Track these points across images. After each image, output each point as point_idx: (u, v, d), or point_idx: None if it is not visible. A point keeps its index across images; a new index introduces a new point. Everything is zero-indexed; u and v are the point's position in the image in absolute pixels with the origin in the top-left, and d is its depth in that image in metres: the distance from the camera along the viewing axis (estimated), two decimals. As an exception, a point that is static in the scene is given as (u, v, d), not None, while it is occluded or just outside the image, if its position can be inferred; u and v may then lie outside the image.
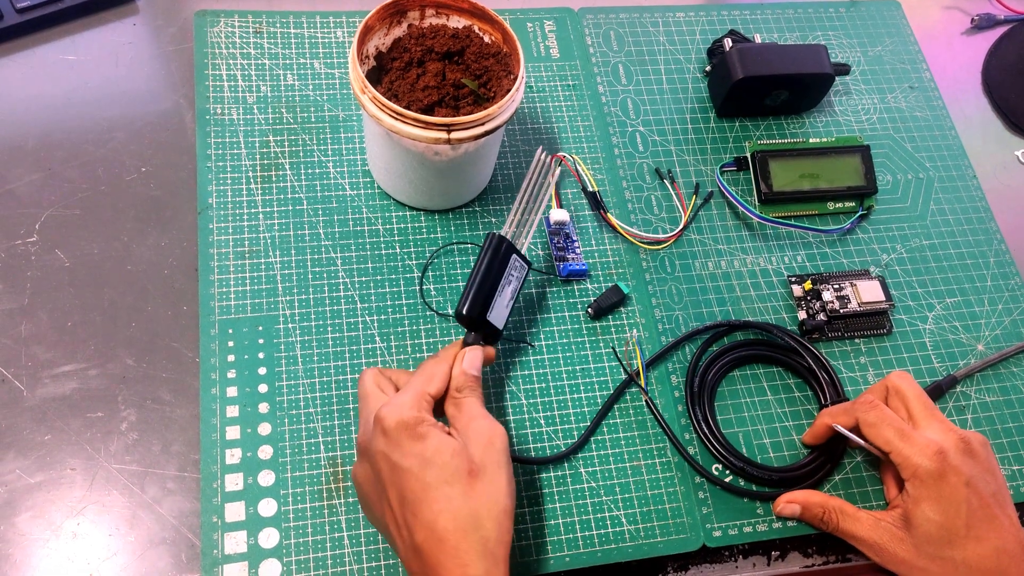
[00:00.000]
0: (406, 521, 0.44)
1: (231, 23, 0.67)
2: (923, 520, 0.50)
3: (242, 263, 0.58)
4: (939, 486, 0.50)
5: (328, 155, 0.64)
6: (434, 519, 0.43)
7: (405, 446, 0.45)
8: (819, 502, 0.55)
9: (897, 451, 0.51)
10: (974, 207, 0.71)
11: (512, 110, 0.54)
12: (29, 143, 0.61)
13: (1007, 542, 0.49)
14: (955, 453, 0.50)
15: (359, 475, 0.48)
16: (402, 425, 0.45)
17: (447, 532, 0.43)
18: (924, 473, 0.50)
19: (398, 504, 0.44)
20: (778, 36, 0.76)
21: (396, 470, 0.44)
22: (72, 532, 0.50)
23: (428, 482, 0.44)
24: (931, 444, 0.50)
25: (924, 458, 0.50)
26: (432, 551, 0.43)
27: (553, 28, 0.73)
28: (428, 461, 0.44)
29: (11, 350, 0.54)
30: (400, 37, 0.59)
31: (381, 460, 0.45)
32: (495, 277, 0.53)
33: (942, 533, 0.50)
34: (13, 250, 0.57)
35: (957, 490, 0.49)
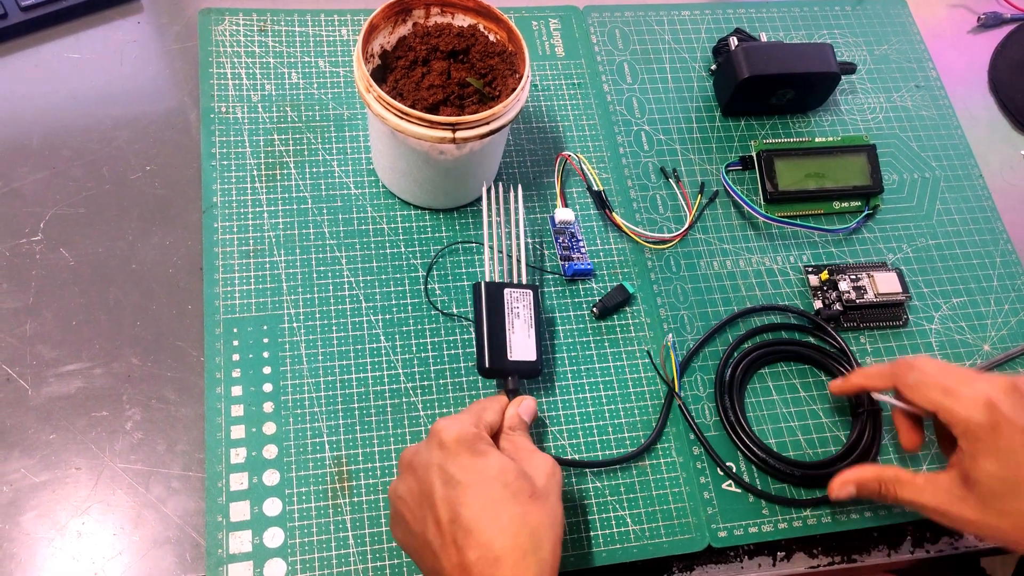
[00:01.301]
0: (455, 539, 0.42)
1: (235, 21, 0.67)
2: (983, 476, 0.47)
3: (247, 262, 0.58)
4: (994, 438, 0.46)
5: (333, 154, 0.63)
6: (493, 538, 0.42)
7: (464, 460, 0.44)
8: (873, 476, 0.52)
9: (945, 409, 0.48)
10: (980, 207, 0.70)
11: (517, 109, 0.54)
12: (34, 141, 0.61)
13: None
14: (1006, 401, 0.47)
15: (400, 490, 0.46)
16: (462, 439, 0.44)
17: (506, 551, 0.41)
18: (976, 427, 0.47)
19: (449, 520, 0.43)
20: (784, 35, 0.76)
21: (452, 484, 0.43)
22: (77, 531, 0.50)
23: (489, 500, 0.43)
24: (979, 396, 0.47)
25: (974, 411, 0.47)
26: (486, 570, 0.41)
27: (558, 26, 0.73)
28: (491, 478, 0.43)
29: (16, 349, 0.54)
30: (405, 36, 0.58)
31: (435, 473, 0.44)
32: (498, 320, 0.55)
33: (1005, 487, 0.47)
34: (18, 249, 0.57)
35: (1013, 439, 0.46)
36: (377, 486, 0.53)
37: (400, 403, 0.55)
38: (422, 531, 0.44)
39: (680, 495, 0.55)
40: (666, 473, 0.56)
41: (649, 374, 0.59)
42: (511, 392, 0.54)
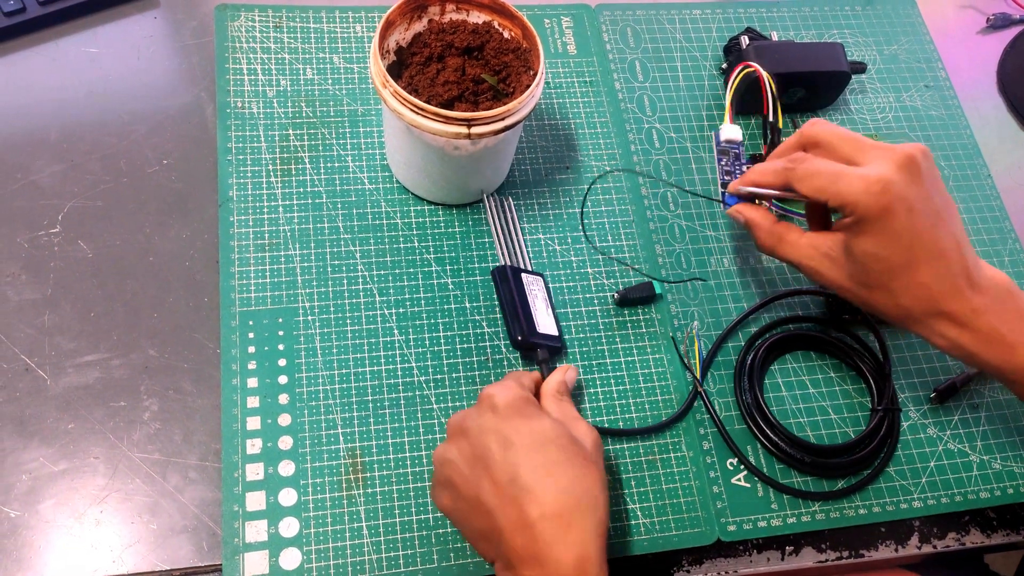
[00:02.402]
0: (515, 498, 0.43)
1: (251, 17, 0.68)
2: (862, 253, 0.48)
3: (262, 255, 0.59)
4: (884, 220, 0.46)
5: (347, 149, 0.64)
6: (555, 496, 0.43)
7: (518, 423, 0.45)
8: (763, 225, 0.54)
9: (835, 194, 0.47)
10: (988, 206, 0.71)
11: (532, 105, 0.55)
12: (52, 135, 0.62)
13: (949, 261, 0.48)
14: (900, 178, 0.46)
15: (449, 454, 0.47)
16: (514, 403, 0.46)
17: (566, 508, 0.43)
18: (865, 209, 0.46)
19: (508, 481, 0.43)
20: (794, 34, 0.77)
21: (508, 446, 0.44)
22: (95, 519, 0.51)
23: (549, 459, 0.44)
24: (871, 178, 0.46)
25: (866, 195, 0.46)
26: (548, 526, 0.42)
27: (570, 24, 0.73)
28: (547, 440, 0.45)
29: (35, 340, 0.55)
30: (420, 32, 0.59)
31: (490, 437, 0.45)
32: (522, 298, 0.57)
33: (881, 265, 0.48)
34: (36, 241, 0.58)
35: (901, 219, 0.46)
36: (391, 477, 0.53)
37: (413, 396, 0.56)
38: (475, 494, 0.45)
39: (690, 489, 0.56)
40: (676, 467, 0.56)
41: (660, 369, 0.60)
42: (542, 363, 0.56)
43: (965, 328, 0.49)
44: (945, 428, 0.60)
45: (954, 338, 0.49)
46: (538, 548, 0.42)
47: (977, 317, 0.48)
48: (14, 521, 0.50)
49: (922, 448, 0.59)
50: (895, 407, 0.59)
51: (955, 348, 0.50)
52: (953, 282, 0.48)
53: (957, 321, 0.49)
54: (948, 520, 0.58)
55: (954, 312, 0.49)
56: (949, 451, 0.60)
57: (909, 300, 0.49)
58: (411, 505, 0.53)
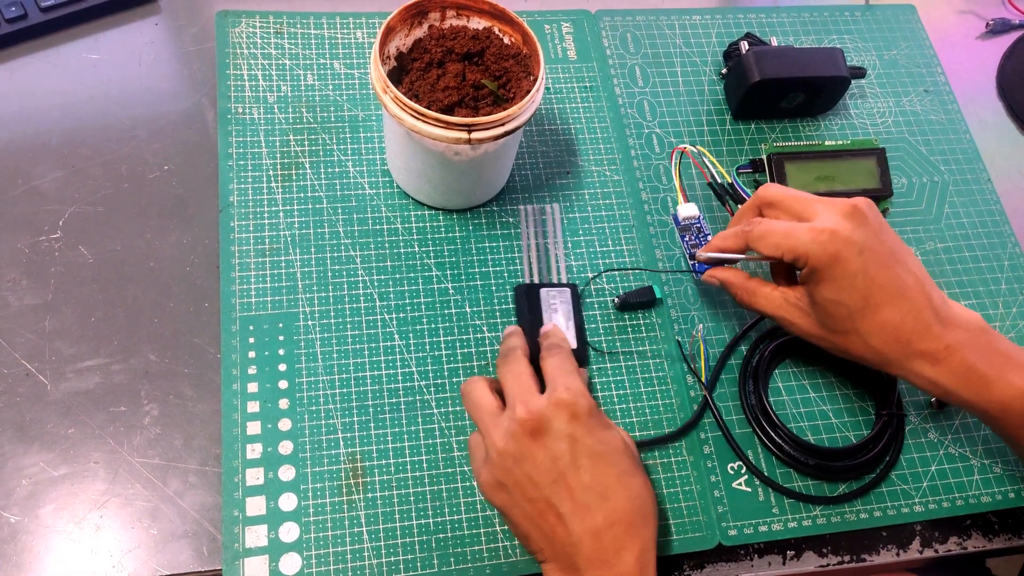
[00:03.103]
0: (590, 506, 0.46)
1: (252, 23, 0.68)
2: (823, 301, 0.50)
3: (263, 260, 0.59)
4: (835, 266, 0.49)
5: (347, 154, 0.64)
6: (626, 503, 0.46)
7: (599, 433, 0.48)
8: (736, 282, 0.56)
9: (789, 249, 0.50)
10: (988, 210, 0.71)
11: (532, 111, 0.55)
12: (53, 140, 0.62)
13: (911, 299, 0.49)
14: (845, 225, 0.49)
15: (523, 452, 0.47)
16: (592, 412, 0.48)
17: (634, 515, 0.46)
18: (816, 259, 0.49)
19: (584, 488, 0.46)
20: (794, 39, 0.77)
21: (588, 455, 0.47)
22: (95, 525, 0.51)
23: (623, 469, 0.48)
24: (820, 229, 0.49)
25: (815, 246, 0.49)
26: (619, 532, 0.45)
27: (570, 30, 0.74)
28: (621, 450, 0.48)
29: (35, 345, 0.55)
30: (421, 38, 0.59)
31: (571, 443, 0.47)
32: (536, 316, 0.58)
33: (842, 311, 0.50)
34: (37, 246, 0.58)
35: (852, 263, 0.48)
36: (391, 482, 0.53)
37: (414, 401, 0.56)
38: (546, 495, 0.46)
39: (691, 493, 0.56)
40: (676, 471, 0.56)
41: (660, 373, 0.60)
42: None
43: (940, 365, 0.50)
44: (946, 433, 0.60)
45: (930, 376, 0.50)
46: (607, 553, 0.45)
47: (951, 354, 0.49)
48: (14, 526, 0.50)
49: (923, 452, 0.59)
50: (901, 412, 0.59)
51: (933, 386, 0.51)
52: (921, 319, 0.49)
53: (931, 359, 0.50)
54: (950, 524, 0.58)
55: (927, 350, 0.50)
56: (950, 455, 0.60)
57: (879, 341, 0.50)
58: (411, 510, 0.53)
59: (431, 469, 0.54)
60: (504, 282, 0.61)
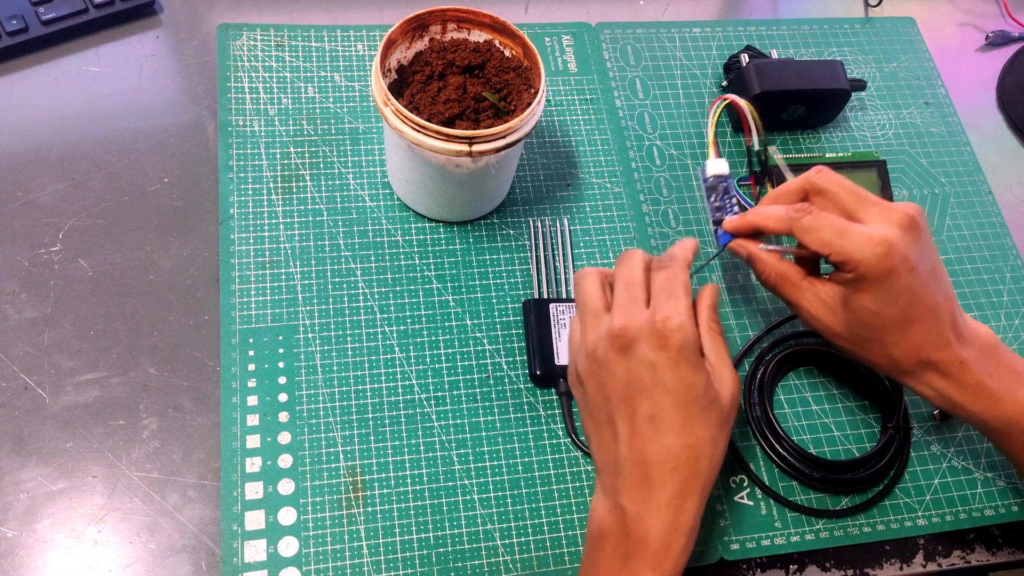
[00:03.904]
0: (646, 437, 0.45)
1: (253, 36, 0.68)
2: (861, 308, 0.49)
3: (263, 273, 0.59)
4: (885, 281, 0.47)
5: (348, 167, 0.64)
6: (679, 450, 0.44)
7: (683, 370, 0.45)
8: (768, 261, 0.54)
9: (839, 250, 0.48)
10: (990, 223, 0.71)
11: (533, 123, 0.55)
12: (53, 153, 0.62)
13: (940, 317, 0.49)
14: (903, 239, 0.47)
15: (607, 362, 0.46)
16: (686, 348, 0.45)
17: (683, 466, 0.44)
18: (867, 269, 0.47)
19: (647, 419, 0.45)
20: (794, 52, 0.77)
21: (662, 388, 0.45)
22: (93, 539, 0.50)
23: (688, 414, 0.45)
24: (875, 238, 0.47)
25: (870, 255, 0.47)
26: (660, 476, 0.44)
27: (571, 43, 0.74)
28: (696, 397, 0.45)
29: (34, 358, 0.55)
30: (422, 51, 0.59)
31: (651, 372, 0.45)
32: (544, 331, 0.58)
33: (878, 322, 0.49)
34: (37, 259, 0.58)
35: (902, 279, 0.47)
36: (391, 496, 0.53)
37: (414, 413, 0.56)
38: (612, 409, 0.46)
39: (693, 507, 0.55)
40: (679, 485, 0.56)
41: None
42: (564, 394, 0.57)
43: (952, 380, 0.50)
44: (949, 445, 0.60)
45: (941, 389, 0.50)
46: (645, 487, 0.44)
47: (964, 370, 0.49)
48: (11, 541, 0.50)
49: (926, 465, 0.59)
50: (907, 425, 0.59)
51: (941, 399, 0.51)
52: (942, 336, 0.49)
53: (944, 373, 0.50)
54: (953, 538, 0.58)
55: (941, 363, 0.49)
56: (953, 468, 0.59)
57: (900, 353, 0.50)
58: (411, 524, 0.52)
59: (432, 483, 0.54)
60: (505, 295, 0.61)
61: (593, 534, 0.47)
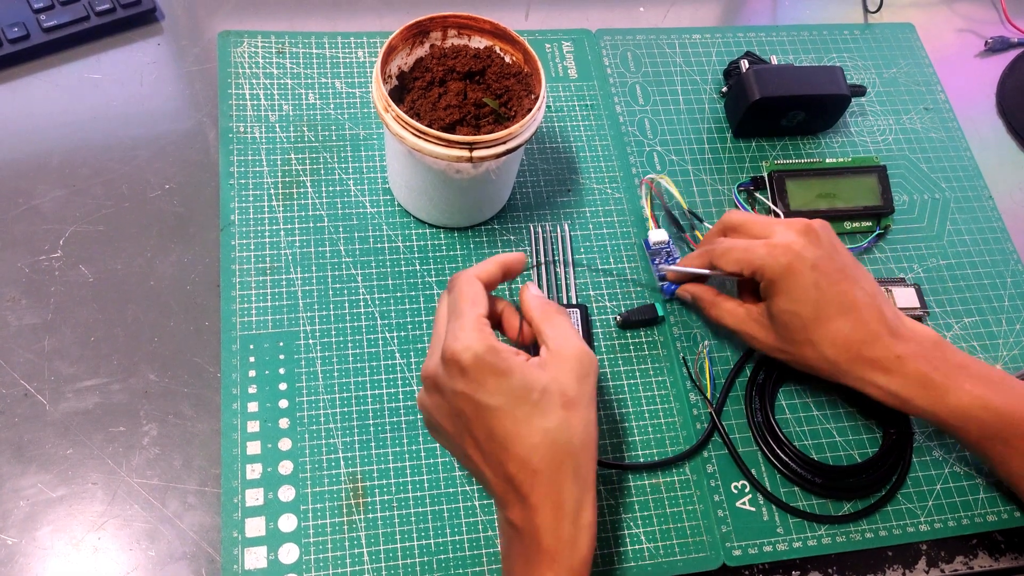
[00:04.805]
0: (496, 456, 0.44)
1: (254, 43, 0.68)
2: (779, 312, 0.53)
3: (264, 279, 0.59)
4: (789, 278, 0.52)
5: (349, 173, 0.64)
6: (528, 454, 0.44)
7: (490, 384, 0.44)
8: (704, 297, 0.59)
9: (747, 263, 0.53)
10: (990, 227, 0.71)
11: (533, 129, 0.55)
12: (54, 160, 0.62)
13: (861, 311, 0.52)
14: (799, 241, 0.52)
15: (431, 407, 0.47)
16: (480, 362, 0.44)
17: (542, 464, 0.44)
18: (771, 271, 0.52)
19: (486, 440, 0.44)
20: (793, 58, 0.77)
21: (483, 409, 0.44)
22: (93, 546, 0.50)
23: (519, 418, 0.44)
24: (776, 244, 0.53)
25: (771, 260, 0.52)
26: (526, 481, 0.44)
27: (571, 49, 0.74)
28: (519, 398, 0.44)
29: (34, 365, 0.55)
30: (422, 57, 0.59)
31: (463, 401, 0.44)
32: None
33: (797, 321, 0.52)
34: (37, 265, 0.58)
35: (804, 276, 0.51)
36: (392, 502, 0.53)
37: (415, 420, 0.56)
38: (460, 443, 0.47)
39: (694, 513, 0.55)
40: (679, 490, 0.56)
41: (663, 391, 0.59)
42: None
43: (893, 374, 0.52)
44: (951, 451, 0.60)
45: (884, 385, 0.52)
46: (519, 494, 0.44)
47: (903, 363, 0.51)
48: (11, 548, 0.49)
49: (928, 471, 0.59)
50: (909, 430, 0.59)
51: (888, 396, 0.52)
52: (871, 330, 0.52)
53: (883, 369, 0.52)
54: (956, 544, 0.58)
55: (878, 358, 0.52)
56: (956, 474, 0.59)
57: (832, 351, 0.52)
58: (412, 530, 0.52)
59: (432, 489, 0.54)
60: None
61: (502, 549, 0.48)
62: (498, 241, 0.63)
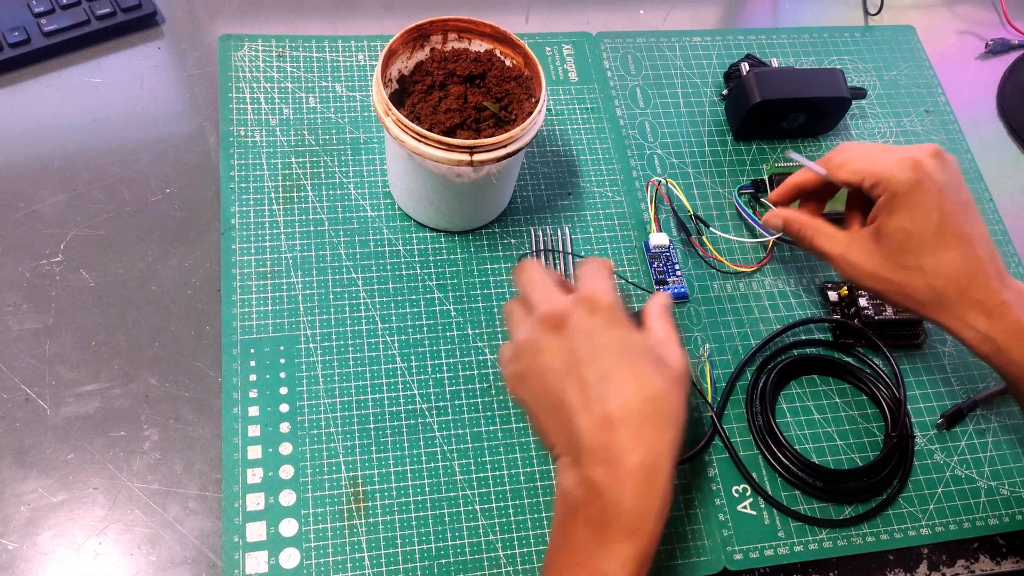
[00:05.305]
0: (601, 397, 0.43)
1: (255, 47, 0.68)
2: (895, 229, 0.51)
3: (264, 283, 0.59)
4: (914, 194, 0.50)
5: (349, 177, 0.64)
6: (640, 402, 0.43)
7: (621, 329, 0.45)
8: (800, 219, 0.57)
9: (870, 174, 0.52)
10: (991, 230, 0.71)
11: (534, 132, 0.55)
12: (55, 164, 0.62)
13: (976, 247, 0.51)
14: (930, 162, 0.51)
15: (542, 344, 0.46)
16: (614, 309, 0.46)
17: (647, 416, 0.43)
18: (897, 184, 0.51)
19: (598, 382, 0.43)
20: (794, 60, 0.77)
21: (606, 350, 0.44)
22: (94, 551, 0.50)
23: (636, 371, 0.44)
24: (904, 158, 0.51)
25: (899, 171, 0.51)
26: (626, 430, 0.42)
27: (571, 52, 0.74)
28: (641, 353, 0.45)
29: (35, 369, 0.55)
30: (423, 61, 0.59)
31: (588, 336, 0.45)
32: None
33: (912, 241, 0.51)
34: (38, 270, 0.58)
35: (931, 195, 0.50)
36: (393, 507, 0.53)
37: (416, 424, 0.56)
38: (561, 387, 0.44)
39: (695, 516, 0.55)
40: (680, 494, 0.56)
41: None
42: None
43: (995, 320, 0.51)
44: (952, 454, 0.60)
45: (983, 329, 0.51)
46: (611, 450, 0.42)
47: (1007, 311, 0.50)
48: (12, 553, 0.49)
49: (929, 474, 0.59)
50: (910, 434, 0.59)
51: (984, 341, 0.51)
52: (983, 270, 0.51)
53: (986, 311, 0.51)
54: (957, 547, 0.58)
55: (983, 300, 0.50)
56: (957, 477, 0.59)
57: (941, 281, 0.51)
58: (413, 535, 0.52)
59: (433, 493, 0.54)
60: (506, 304, 0.61)
61: (563, 510, 0.45)
62: (499, 245, 0.63)
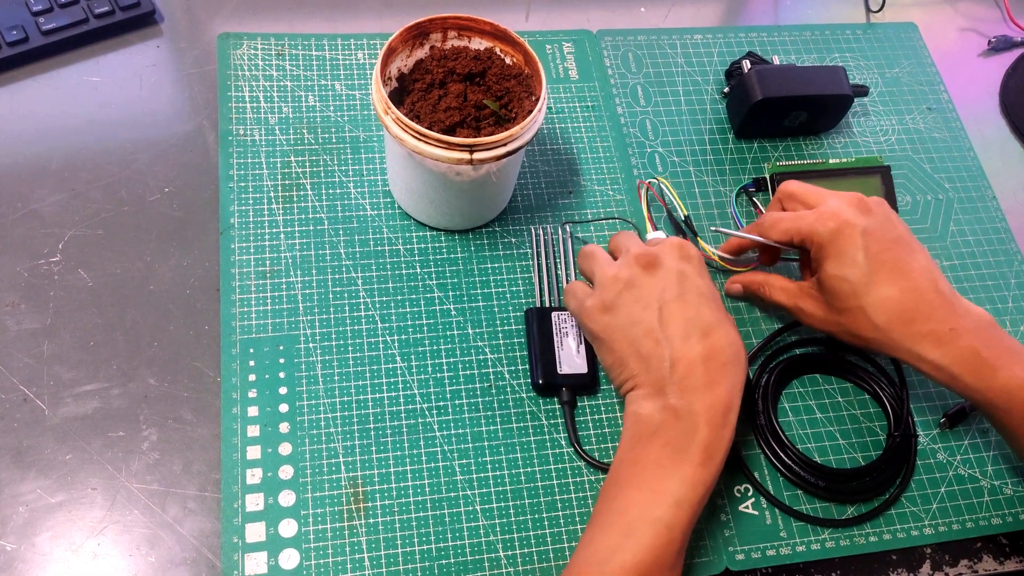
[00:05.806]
0: (689, 333, 0.49)
1: (254, 46, 0.68)
2: (828, 277, 0.53)
3: (263, 283, 0.59)
4: (837, 242, 0.52)
5: (349, 176, 0.64)
6: (727, 344, 0.49)
7: (707, 278, 0.52)
8: (755, 279, 0.61)
9: (796, 231, 0.55)
10: (994, 228, 0.70)
11: (534, 131, 0.55)
12: (53, 164, 0.62)
13: (914, 279, 0.52)
14: (849, 210, 0.53)
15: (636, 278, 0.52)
16: (701, 258, 0.53)
17: (729, 358, 0.49)
18: (820, 236, 0.53)
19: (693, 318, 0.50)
20: (796, 58, 0.77)
21: (698, 292, 0.51)
22: (92, 552, 0.50)
23: (720, 316, 0.50)
24: (824, 211, 0.54)
25: (819, 224, 0.53)
26: (711, 367, 0.48)
27: (572, 50, 0.73)
28: (721, 303, 0.52)
29: (33, 369, 0.54)
30: (422, 59, 0.59)
31: (684, 276, 0.51)
32: (547, 340, 0.58)
33: (846, 285, 0.53)
34: (36, 270, 0.58)
35: (852, 240, 0.52)
36: (393, 507, 0.53)
37: (416, 424, 0.55)
38: (652, 318, 0.50)
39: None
40: (683, 495, 0.56)
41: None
42: (566, 404, 0.56)
43: (946, 347, 0.51)
44: (955, 453, 0.60)
45: (935, 359, 0.51)
46: (699, 382, 0.48)
47: (956, 337, 0.51)
48: (10, 554, 0.49)
49: (932, 474, 0.59)
50: (913, 433, 0.59)
51: (938, 371, 0.52)
52: (926, 300, 0.52)
53: (936, 340, 0.51)
54: (960, 547, 0.57)
55: (932, 331, 0.51)
56: (960, 476, 0.59)
57: (883, 319, 0.52)
58: (413, 535, 0.52)
59: (434, 493, 0.53)
60: (507, 303, 0.60)
61: (638, 433, 0.49)
62: (499, 243, 0.63)
